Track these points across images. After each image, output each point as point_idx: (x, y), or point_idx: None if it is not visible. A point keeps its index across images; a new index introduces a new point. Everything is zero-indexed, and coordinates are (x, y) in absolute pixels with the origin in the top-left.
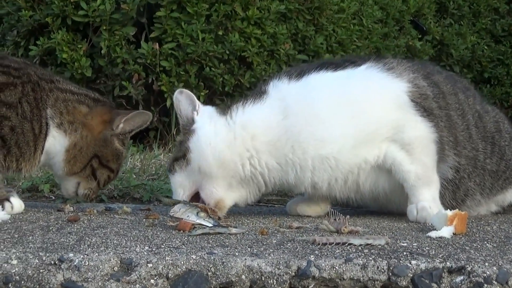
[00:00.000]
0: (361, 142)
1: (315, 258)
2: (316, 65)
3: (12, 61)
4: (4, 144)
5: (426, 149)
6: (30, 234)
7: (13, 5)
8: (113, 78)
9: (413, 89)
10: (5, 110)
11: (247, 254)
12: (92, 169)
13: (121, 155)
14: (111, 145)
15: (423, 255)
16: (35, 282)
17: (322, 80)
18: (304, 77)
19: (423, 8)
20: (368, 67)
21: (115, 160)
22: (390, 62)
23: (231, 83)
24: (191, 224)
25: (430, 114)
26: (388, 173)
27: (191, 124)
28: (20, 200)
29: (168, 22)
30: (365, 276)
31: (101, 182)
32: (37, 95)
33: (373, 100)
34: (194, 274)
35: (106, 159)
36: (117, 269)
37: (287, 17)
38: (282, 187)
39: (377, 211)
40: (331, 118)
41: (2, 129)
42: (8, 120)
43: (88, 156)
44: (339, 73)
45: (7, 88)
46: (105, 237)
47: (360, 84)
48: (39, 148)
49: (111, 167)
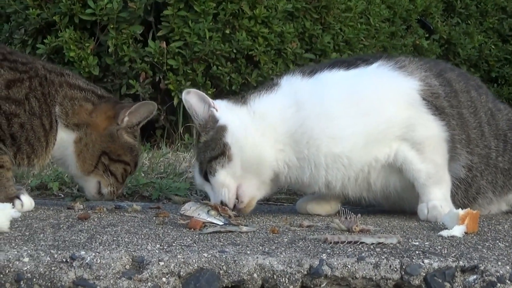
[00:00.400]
0: (372, 140)
1: (327, 256)
2: (329, 64)
3: (20, 55)
4: (14, 141)
5: (437, 148)
6: (41, 232)
7: (20, 4)
8: (120, 77)
9: (425, 87)
10: (14, 107)
11: (258, 253)
12: (104, 166)
13: (133, 148)
14: (119, 140)
15: (436, 254)
16: (46, 279)
17: (334, 78)
18: (317, 74)
19: (430, 7)
20: (380, 65)
21: (128, 153)
22: (402, 60)
23: (238, 81)
24: (202, 222)
25: (441, 112)
26: (399, 172)
27: (214, 122)
28: (30, 198)
29: (176, 20)
30: (377, 275)
31: (118, 177)
32: (45, 90)
33: (384, 99)
34: (206, 272)
35: (116, 153)
36: (128, 267)
37: (294, 16)
38: (295, 186)
39: (388, 210)
40: (342, 116)
41: (12, 126)
42: (17, 117)
43: (96, 153)
44: (351, 71)
45: (15, 84)
46: (116, 235)
47: (371, 82)
48: (50, 143)
49: (124, 160)
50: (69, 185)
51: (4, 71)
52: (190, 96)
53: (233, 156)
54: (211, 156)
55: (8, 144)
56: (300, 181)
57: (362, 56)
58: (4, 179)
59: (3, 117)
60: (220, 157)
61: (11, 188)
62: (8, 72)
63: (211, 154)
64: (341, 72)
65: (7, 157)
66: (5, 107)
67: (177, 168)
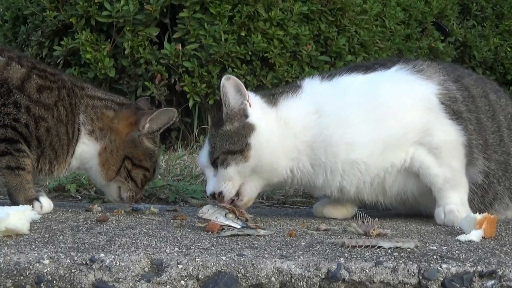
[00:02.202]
0: (390, 146)
1: (345, 260)
2: (348, 68)
3: (47, 67)
4: (39, 144)
5: (454, 153)
6: (61, 234)
7: (37, 6)
8: (136, 79)
9: (443, 91)
10: (43, 111)
11: (276, 256)
12: (127, 171)
13: (153, 153)
14: (140, 145)
15: (453, 259)
16: (66, 282)
17: (352, 82)
18: (336, 78)
19: (446, 10)
20: (398, 69)
21: (148, 159)
22: (420, 64)
23: (254, 84)
24: (220, 226)
25: (459, 117)
26: (416, 176)
27: (243, 116)
28: (49, 200)
29: (191, 23)
30: (395, 280)
31: (138, 182)
32: (72, 101)
33: (403, 104)
34: (224, 275)
35: (138, 159)
36: (147, 270)
37: (310, 18)
38: (305, 188)
39: (405, 213)
40: (360, 122)
41: (39, 129)
42: (45, 121)
43: (119, 158)
44: (369, 75)
45: (45, 90)
46: (135, 238)
47: (390, 87)
48: (70, 152)
49: (145, 166)
50: (86, 187)
51: (36, 76)
52: (228, 82)
53: (250, 158)
54: (228, 149)
55: (33, 146)
56: (312, 184)
57: (380, 60)
58: (24, 181)
59: (32, 119)
60: (238, 154)
61: (30, 190)
62: (39, 79)
63: (229, 147)
64: (360, 76)
65: (29, 160)
66: (35, 109)
67: (193, 171)
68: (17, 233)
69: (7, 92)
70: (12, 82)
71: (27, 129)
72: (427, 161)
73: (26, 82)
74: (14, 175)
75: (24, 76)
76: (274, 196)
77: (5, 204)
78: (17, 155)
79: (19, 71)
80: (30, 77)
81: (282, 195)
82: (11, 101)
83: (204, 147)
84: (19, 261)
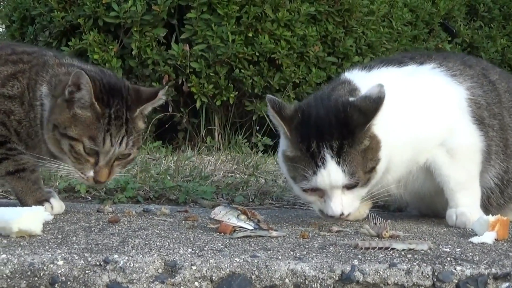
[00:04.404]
0: (422, 147)
1: (359, 262)
2: (380, 61)
3: (22, 45)
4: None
5: (472, 157)
6: (73, 235)
7: (45, 6)
8: (143, 79)
9: (470, 96)
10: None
11: (290, 258)
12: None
13: (85, 121)
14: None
15: (468, 261)
16: (81, 283)
17: (390, 78)
18: (374, 70)
19: (453, 11)
20: (432, 68)
21: (75, 127)
22: (451, 66)
23: (261, 84)
24: (232, 227)
25: (481, 123)
26: (432, 175)
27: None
28: (60, 201)
29: (199, 23)
30: (409, 282)
31: (69, 155)
32: (38, 76)
33: (440, 106)
34: (238, 277)
35: (63, 126)
36: (161, 271)
37: (317, 19)
38: None
39: (416, 214)
40: (398, 122)
41: (12, 122)
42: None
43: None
44: (404, 69)
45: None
46: (148, 239)
47: (429, 88)
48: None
49: (70, 135)
50: (96, 188)
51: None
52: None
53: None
54: (372, 167)
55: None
56: None
57: (406, 53)
58: (29, 183)
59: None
60: (373, 171)
61: (39, 191)
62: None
63: (372, 165)
64: (395, 69)
65: (26, 156)
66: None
67: (203, 172)
68: (30, 234)
69: None
70: None
71: (5, 127)
72: (443, 162)
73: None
74: (17, 179)
75: None
76: (283, 197)
77: (17, 205)
78: (11, 154)
79: None
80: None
81: (292, 196)
82: None
83: (332, 166)
84: (33, 262)
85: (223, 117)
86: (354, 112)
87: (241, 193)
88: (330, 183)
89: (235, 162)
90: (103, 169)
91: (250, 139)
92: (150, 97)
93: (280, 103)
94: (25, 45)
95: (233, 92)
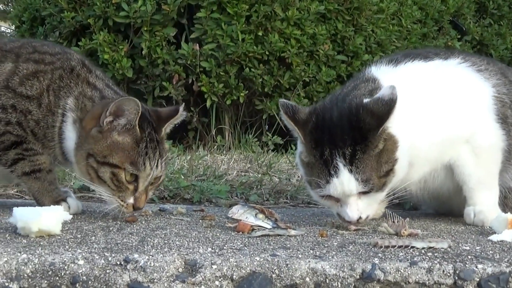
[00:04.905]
0: (449, 144)
1: (379, 261)
2: (406, 55)
3: (46, 45)
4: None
5: (494, 156)
6: (92, 235)
7: (55, 7)
8: (153, 79)
9: (496, 94)
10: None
11: (310, 257)
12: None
13: (125, 148)
14: (103, 140)
15: (488, 259)
16: (101, 282)
17: (418, 73)
18: (401, 65)
19: (462, 8)
20: (459, 63)
21: (116, 155)
22: (479, 63)
23: (271, 83)
24: (250, 226)
25: (504, 121)
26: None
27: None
28: (77, 200)
29: (208, 23)
30: (430, 280)
31: (108, 182)
32: (64, 83)
33: (469, 102)
34: (258, 276)
35: (101, 155)
36: (181, 270)
37: (327, 17)
38: None
39: (432, 212)
40: (425, 119)
41: (29, 122)
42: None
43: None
44: (430, 63)
45: (31, 79)
46: (167, 238)
47: (457, 84)
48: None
49: (111, 162)
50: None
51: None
52: None
53: (396, 172)
54: (386, 171)
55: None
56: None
57: (429, 49)
58: (45, 183)
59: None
60: (391, 173)
61: (56, 191)
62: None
63: (384, 169)
64: (421, 63)
65: (42, 157)
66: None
67: (216, 171)
68: (49, 233)
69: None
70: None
71: (21, 127)
72: (465, 160)
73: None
74: (33, 179)
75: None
76: (298, 196)
77: (33, 205)
78: (28, 155)
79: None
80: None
81: (306, 194)
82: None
83: (345, 175)
84: (54, 262)
85: (233, 116)
86: (366, 115)
87: (256, 192)
88: (343, 192)
89: (248, 161)
90: (142, 194)
91: (260, 138)
92: (171, 114)
93: (293, 107)
94: (46, 44)
95: (243, 91)
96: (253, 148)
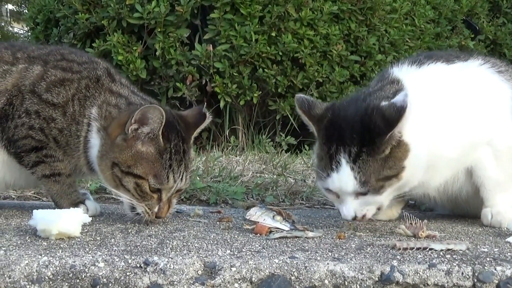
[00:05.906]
0: (472, 147)
1: (398, 263)
2: (428, 56)
3: (74, 53)
4: (57, 144)
5: None
6: (112, 237)
7: (69, 8)
8: (167, 80)
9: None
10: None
11: (328, 259)
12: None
13: (150, 158)
14: (128, 150)
15: (507, 261)
16: (122, 284)
17: (441, 76)
18: (424, 66)
19: (475, 8)
20: (480, 64)
21: (140, 166)
22: (499, 64)
23: (284, 84)
24: (268, 228)
25: None
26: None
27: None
28: (95, 203)
29: (222, 23)
30: (449, 282)
31: (132, 191)
32: (89, 93)
33: (492, 105)
34: (277, 278)
35: (125, 165)
36: (201, 273)
37: (340, 17)
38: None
39: (448, 214)
40: (448, 123)
41: (52, 130)
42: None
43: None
44: (452, 66)
45: (58, 86)
46: (185, 240)
47: (480, 86)
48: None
49: (135, 173)
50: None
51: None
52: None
53: (402, 179)
54: (386, 175)
55: (54, 148)
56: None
57: (449, 51)
58: (64, 186)
59: (44, 122)
60: (394, 178)
61: (74, 194)
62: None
63: (387, 173)
64: (444, 65)
65: (62, 164)
66: (44, 111)
67: (232, 172)
68: (69, 236)
69: (20, 101)
70: (25, 88)
71: (43, 133)
72: (486, 162)
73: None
74: (53, 182)
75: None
76: (313, 197)
77: (51, 207)
78: (48, 161)
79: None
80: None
81: (322, 196)
82: (23, 110)
83: (345, 172)
84: (74, 264)
85: (246, 116)
86: (378, 118)
87: (271, 193)
88: (340, 189)
89: (263, 162)
90: (166, 204)
91: (273, 139)
92: (198, 120)
93: (309, 102)
94: (74, 52)
95: (256, 91)
96: (267, 148)
